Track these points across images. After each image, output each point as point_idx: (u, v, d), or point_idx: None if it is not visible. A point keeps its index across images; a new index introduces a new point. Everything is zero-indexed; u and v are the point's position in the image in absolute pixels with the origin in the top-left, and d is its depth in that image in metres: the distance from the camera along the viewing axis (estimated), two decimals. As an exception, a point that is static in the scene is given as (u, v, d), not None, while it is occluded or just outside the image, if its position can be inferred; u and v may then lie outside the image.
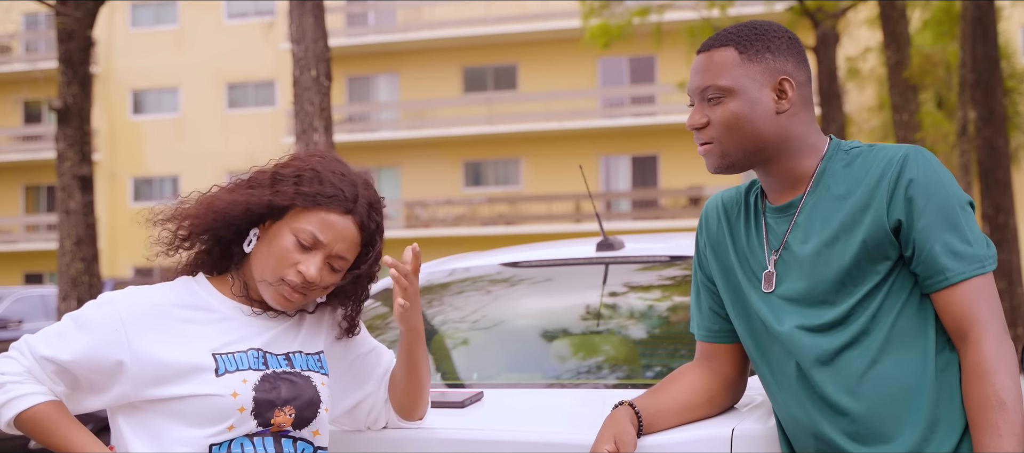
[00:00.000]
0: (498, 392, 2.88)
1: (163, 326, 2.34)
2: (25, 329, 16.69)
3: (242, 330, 2.39)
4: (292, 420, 2.35)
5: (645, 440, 2.37)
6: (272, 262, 2.36)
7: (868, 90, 29.77)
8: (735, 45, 2.34)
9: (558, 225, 31.61)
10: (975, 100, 14.33)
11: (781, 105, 2.33)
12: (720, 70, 2.33)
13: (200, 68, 35.22)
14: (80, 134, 12.80)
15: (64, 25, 12.80)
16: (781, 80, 2.33)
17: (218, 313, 2.40)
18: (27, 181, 36.64)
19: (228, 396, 2.29)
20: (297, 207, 2.37)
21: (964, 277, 2.21)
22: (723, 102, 2.32)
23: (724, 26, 17.93)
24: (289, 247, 2.36)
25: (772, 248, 2.37)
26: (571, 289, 3.53)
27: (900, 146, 2.30)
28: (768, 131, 2.32)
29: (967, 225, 2.24)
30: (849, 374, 2.25)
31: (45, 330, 2.36)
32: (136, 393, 2.32)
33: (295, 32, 9.74)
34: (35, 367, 2.31)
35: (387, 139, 33.69)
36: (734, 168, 2.37)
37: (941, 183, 2.24)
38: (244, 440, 2.32)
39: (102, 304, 2.35)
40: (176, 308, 2.37)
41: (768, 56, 2.34)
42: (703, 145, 2.37)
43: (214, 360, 2.32)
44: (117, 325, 2.31)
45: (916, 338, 2.25)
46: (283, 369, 2.38)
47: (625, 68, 33.13)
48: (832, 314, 2.28)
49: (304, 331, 2.47)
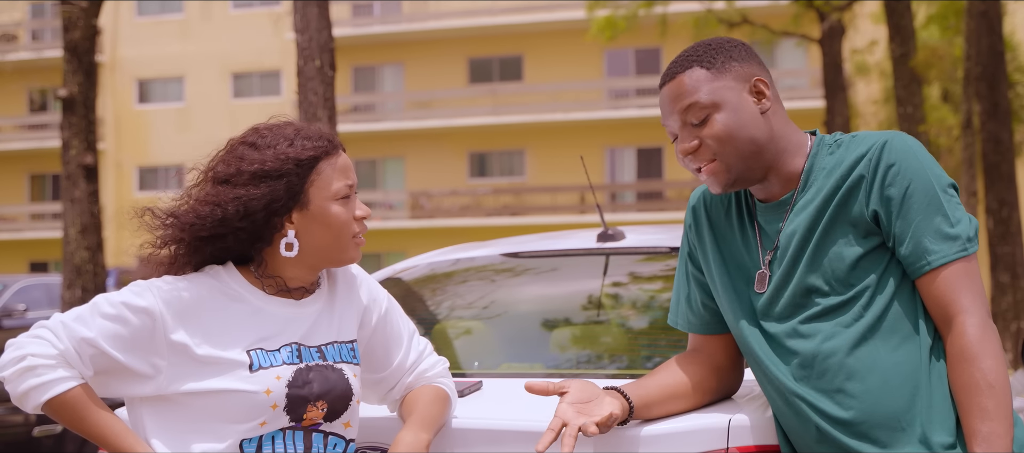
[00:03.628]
0: (499, 381, 2.90)
1: (199, 319, 2.32)
2: (30, 317, 16.72)
3: (277, 323, 2.38)
4: (323, 414, 2.36)
5: (641, 431, 2.38)
6: (334, 233, 2.39)
7: (874, 83, 29.72)
8: (698, 64, 2.35)
9: (562, 216, 31.59)
10: (980, 93, 14.30)
11: (763, 105, 2.34)
12: (695, 90, 2.32)
13: (206, 57, 35.21)
14: (85, 123, 12.81)
15: (70, 14, 12.80)
16: (756, 81, 2.35)
17: (251, 305, 2.38)
18: (32, 169, 36.67)
19: (261, 393, 2.29)
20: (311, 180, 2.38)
21: (946, 260, 2.23)
22: (710, 119, 2.32)
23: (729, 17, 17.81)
24: (341, 211, 2.39)
25: (766, 248, 2.38)
26: (572, 279, 3.54)
27: (881, 132, 2.31)
28: (760, 133, 2.33)
29: (949, 207, 2.24)
30: (843, 364, 2.26)
31: (79, 311, 2.31)
32: (169, 386, 2.30)
33: (299, 22, 9.74)
34: (70, 350, 2.25)
35: (392, 129, 33.67)
36: (739, 182, 2.35)
37: (921, 167, 2.25)
38: (276, 435, 2.32)
39: (140, 294, 2.31)
40: (210, 300, 2.35)
41: (734, 64, 2.35)
42: (706, 165, 2.34)
43: (248, 356, 2.32)
44: (156, 316, 2.29)
45: (910, 326, 2.27)
46: (316, 362, 2.37)
47: (631, 59, 33.08)
48: (825, 305, 2.29)
49: (337, 318, 2.47)
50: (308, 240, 2.39)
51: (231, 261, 2.43)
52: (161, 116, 35.61)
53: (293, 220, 2.38)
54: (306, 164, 2.37)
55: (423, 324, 3.42)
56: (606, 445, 2.38)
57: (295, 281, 2.43)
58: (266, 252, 2.41)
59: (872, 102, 29.97)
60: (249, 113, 34.74)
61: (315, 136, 2.42)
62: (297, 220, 2.38)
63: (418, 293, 3.61)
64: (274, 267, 2.41)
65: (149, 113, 35.84)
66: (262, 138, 2.41)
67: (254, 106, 34.55)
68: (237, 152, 2.41)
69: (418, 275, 3.68)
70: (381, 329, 2.57)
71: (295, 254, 2.38)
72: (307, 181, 2.37)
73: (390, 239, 33.11)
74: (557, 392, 2.34)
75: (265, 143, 2.40)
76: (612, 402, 2.32)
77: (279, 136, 2.41)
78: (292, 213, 2.38)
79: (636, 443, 2.37)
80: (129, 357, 2.28)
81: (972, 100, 15.20)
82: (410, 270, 3.70)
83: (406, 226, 33.12)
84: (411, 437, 2.40)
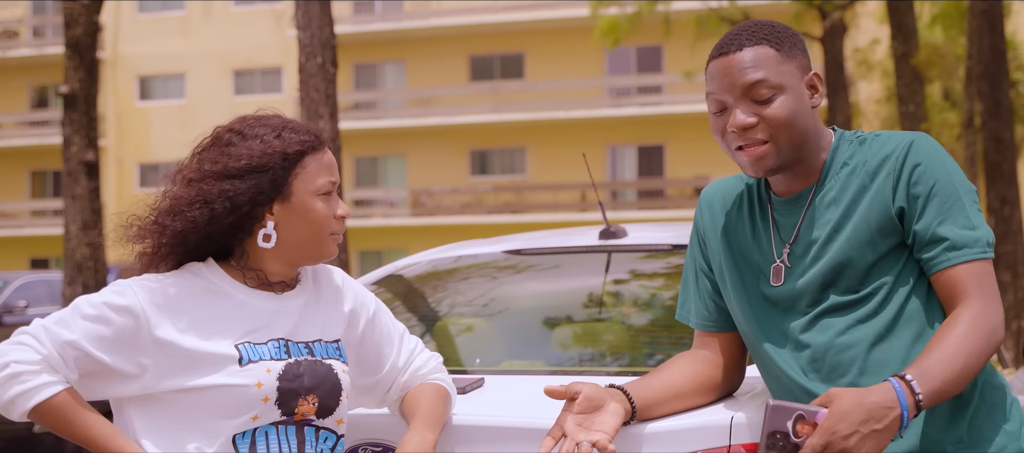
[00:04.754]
0: (500, 378, 2.90)
1: (183, 315, 2.30)
2: (31, 314, 16.73)
3: (262, 317, 2.37)
4: (315, 409, 2.35)
5: (643, 428, 2.38)
6: (313, 228, 2.38)
7: (876, 82, 29.72)
8: (769, 43, 2.31)
9: (564, 214, 31.59)
10: (981, 92, 14.30)
11: (815, 100, 2.35)
12: (765, 66, 2.29)
13: (207, 54, 35.21)
14: (86, 119, 12.81)
15: (71, 10, 12.80)
16: (813, 75, 2.35)
17: (234, 299, 2.37)
18: (33, 166, 36.68)
19: (252, 386, 2.28)
20: (296, 173, 2.37)
21: (964, 260, 2.22)
22: (774, 100, 2.28)
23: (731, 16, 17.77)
24: (323, 207, 2.38)
25: (784, 241, 2.38)
26: (574, 277, 3.54)
27: (906, 133, 2.31)
28: (810, 127, 2.33)
29: (971, 211, 2.25)
30: (857, 360, 2.26)
31: (61, 314, 2.28)
32: (156, 384, 2.28)
33: (301, 19, 9.74)
34: (53, 355, 2.22)
35: (393, 127, 33.67)
36: (781, 169, 2.33)
37: (946, 169, 2.26)
38: (269, 429, 2.31)
39: (121, 292, 2.29)
40: (194, 295, 2.34)
41: (799, 53, 2.34)
42: (755, 147, 2.30)
43: (237, 350, 2.30)
44: (139, 315, 2.27)
45: (926, 324, 2.27)
46: (305, 357, 2.37)
47: (632, 57, 33.08)
48: (842, 301, 2.29)
49: (322, 317, 2.46)
50: (286, 233, 2.38)
51: (211, 257, 2.41)
52: (162, 113, 35.61)
53: (273, 212, 2.37)
54: (293, 157, 2.37)
55: (425, 321, 3.42)
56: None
57: (275, 275, 2.42)
58: (247, 244, 2.40)
59: (874, 101, 29.97)
60: (250, 110, 34.58)
61: (302, 130, 2.41)
62: (278, 212, 2.37)
63: (420, 290, 3.61)
64: (255, 260, 2.40)
65: (150, 110, 35.85)
66: (249, 127, 2.41)
67: (255, 103, 34.34)
68: (223, 140, 2.40)
69: (420, 272, 3.68)
70: (371, 332, 2.56)
71: (272, 246, 2.37)
72: (292, 174, 2.37)
73: (391, 236, 33.13)
74: (568, 396, 2.32)
75: (252, 133, 2.39)
76: (616, 409, 2.32)
77: (266, 127, 2.40)
78: (273, 205, 2.37)
79: (639, 441, 2.36)
80: (114, 357, 2.26)
81: (974, 99, 15.20)
82: (412, 267, 3.70)
83: (407, 223, 33.13)
84: (418, 438, 2.39)
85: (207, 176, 2.35)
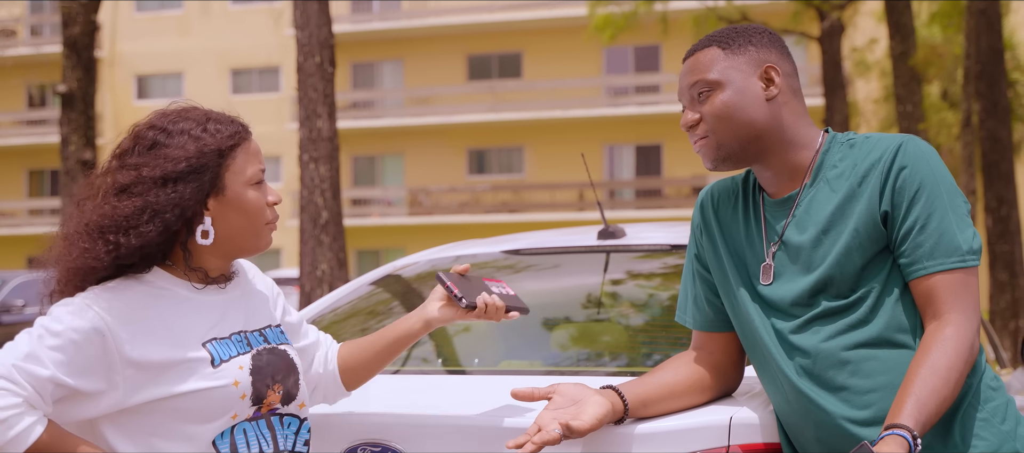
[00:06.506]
0: (499, 378, 2.90)
1: (146, 326, 2.25)
2: (28, 313, 16.72)
3: (216, 312, 2.34)
4: (280, 397, 2.34)
5: (641, 428, 2.38)
6: (249, 219, 2.34)
7: (874, 82, 29.73)
8: (717, 44, 2.40)
9: (561, 213, 31.60)
10: (979, 92, 14.32)
11: (770, 91, 2.36)
12: (706, 67, 2.38)
13: (205, 53, 35.20)
14: (84, 119, 12.82)
15: (69, 9, 12.80)
16: (767, 68, 2.37)
17: (186, 299, 2.32)
18: (31, 165, 36.65)
19: (230, 386, 2.26)
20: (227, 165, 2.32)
21: (941, 269, 2.22)
22: (712, 95, 2.36)
23: (728, 15, 17.85)
24: (256, 197, 2.35)
25: (770, 241, 2.39)
26: (572, 277, 3.54)
27: (896, 135, 2.31)
28: (760, 118, 2.34)
29: (955, 217, 2.24)
30: (847, 363, 2.26)
31: (26, 348, 2.19)
32: (128, 399, 2.23)
33: (299, 18, 9.75)
34: (33, 395, 2.16)
35: (391, 126, 33.67)
36: (731, 160, 2.38)
37: (932, 173, 2.25)
38: (246, 426, 2.29)
39: (79, 314, 2.22)
40: (150, 304, 2.27)
41: (751, 48, 2.38)
42: (698, 141, 2.40)
43: (206, 350, 2.27)
44: (105, 334, 2.21)
45: (916, 325, 2.27)
46: (263, 346, 2.36)
47: (630, 57, 33.09)
48: (831, 306, 2.29)
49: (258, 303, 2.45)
50: (223, 227, 2.33)
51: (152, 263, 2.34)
52: (160, 112, 35.58)
53: (209, 207, 2.32)
54: (227, 152, 2.32)
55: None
56: (607, 443, 2.37)
57: (215, 270, 2.37)
58: (190, 243, 2.34)
59: (872, 100, 29.98)
60: (248, 109, 34.68)
61: (226, 120, 2.37)
62: (213, 207, 2.32)
63: (418, 290, 3.60)
64: (198, 258, 2.35)
65: (148, 109, 35.53)
66: (172, 123, 2.34)
67: (253, 102, 34.55)
68: (148, 140, 2.33)
69: (419, 271, 3.68)
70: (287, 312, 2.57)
71: (210, 242, 2.32)
72: (223, 167, 2.32)
73: (389, 236, 33.12)
74: (543, 397, 2.35)
75: (178, 129, 2.33)
76: (600, 403, 2.31)
77: (189, 121, 2.35)
78: (208, 200, 2.32)
79: (637, 441, 2.36)
80: (87, 381, 2.21)
81: (971, 99, 15.22)
82: (410, 267, 3.70)
83: (405, 223, 33.13)
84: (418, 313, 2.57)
85: (148, 183, 2.27)
